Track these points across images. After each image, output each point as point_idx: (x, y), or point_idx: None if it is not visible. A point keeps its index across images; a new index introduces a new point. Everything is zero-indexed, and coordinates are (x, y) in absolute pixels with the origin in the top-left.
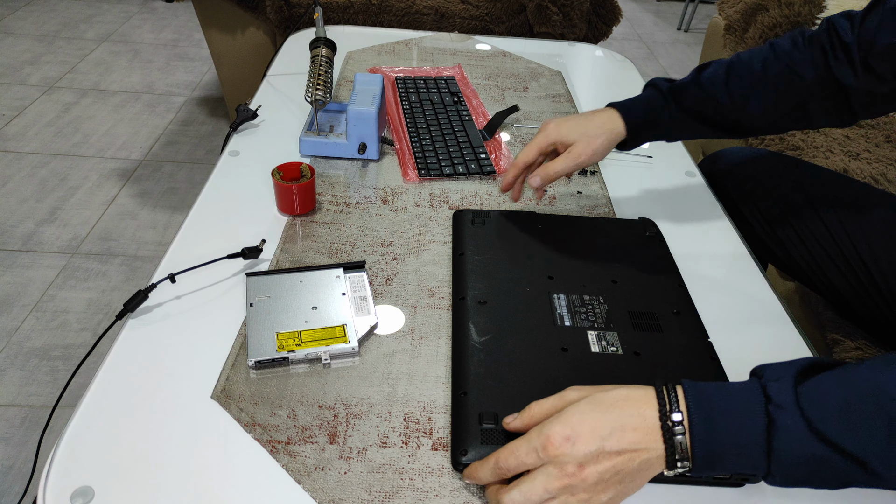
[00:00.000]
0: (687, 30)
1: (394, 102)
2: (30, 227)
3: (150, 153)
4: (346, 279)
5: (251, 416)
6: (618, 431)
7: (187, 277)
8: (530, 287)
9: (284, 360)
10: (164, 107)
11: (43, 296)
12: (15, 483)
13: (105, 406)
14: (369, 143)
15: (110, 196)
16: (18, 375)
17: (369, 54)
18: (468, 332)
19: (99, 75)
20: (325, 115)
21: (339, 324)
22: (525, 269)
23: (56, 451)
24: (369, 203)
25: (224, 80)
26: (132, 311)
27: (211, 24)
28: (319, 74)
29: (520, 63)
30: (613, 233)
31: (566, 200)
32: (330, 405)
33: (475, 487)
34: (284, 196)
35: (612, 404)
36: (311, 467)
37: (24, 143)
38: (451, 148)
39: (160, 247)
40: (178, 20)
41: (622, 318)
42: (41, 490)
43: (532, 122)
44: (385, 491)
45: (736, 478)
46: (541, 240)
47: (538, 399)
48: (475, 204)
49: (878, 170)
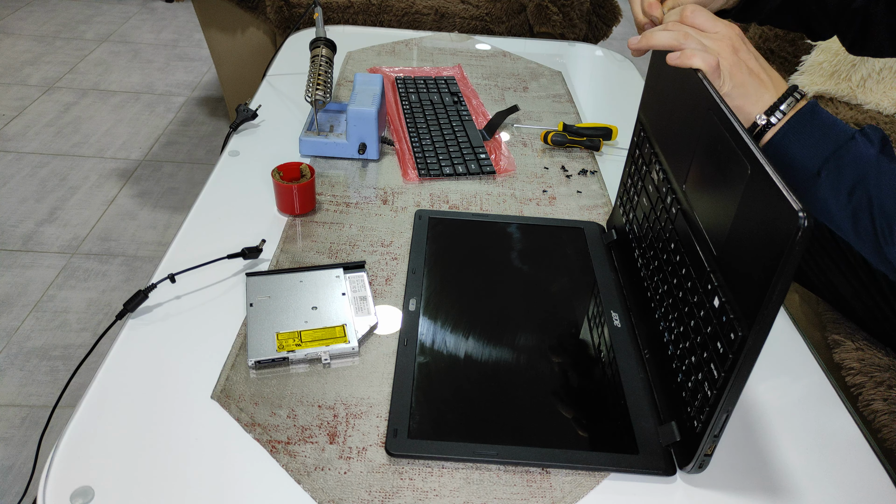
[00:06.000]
0: None
1: (394, 102)
2: (30, 227)
3: (150, 153)
4: (346, 279)
5: (251, 416)
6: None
7: (187, 277)
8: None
9: (284, 360)
10: (164, 107)
11: (43, 296)
12: (15, 483)
13: (105, 406)
14: (369, 143)
15: (110, 196)
16: (18, 375)
17: (369, 54)
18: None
19: (99, 75)
20: (325, 115)
21: (339, 324)
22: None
23: (56, 451)
24: (369, 203)
25: (224, 80)
26: (132, 311)
27: (211, 24)
28: (319, 74)
29: (520, 63)
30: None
31: (566, 200)
32: (330, 405)
33: (475, 486)
34: (284, 196)
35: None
36: (311, 467)
37: (24, 143)
38: (451, 148)
39: (160, 247)
40: (178, 20)
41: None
42: (41, 490)
43: (532, 122)
44: (385, 491)
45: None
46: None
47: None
48: (475, 204)
49: None
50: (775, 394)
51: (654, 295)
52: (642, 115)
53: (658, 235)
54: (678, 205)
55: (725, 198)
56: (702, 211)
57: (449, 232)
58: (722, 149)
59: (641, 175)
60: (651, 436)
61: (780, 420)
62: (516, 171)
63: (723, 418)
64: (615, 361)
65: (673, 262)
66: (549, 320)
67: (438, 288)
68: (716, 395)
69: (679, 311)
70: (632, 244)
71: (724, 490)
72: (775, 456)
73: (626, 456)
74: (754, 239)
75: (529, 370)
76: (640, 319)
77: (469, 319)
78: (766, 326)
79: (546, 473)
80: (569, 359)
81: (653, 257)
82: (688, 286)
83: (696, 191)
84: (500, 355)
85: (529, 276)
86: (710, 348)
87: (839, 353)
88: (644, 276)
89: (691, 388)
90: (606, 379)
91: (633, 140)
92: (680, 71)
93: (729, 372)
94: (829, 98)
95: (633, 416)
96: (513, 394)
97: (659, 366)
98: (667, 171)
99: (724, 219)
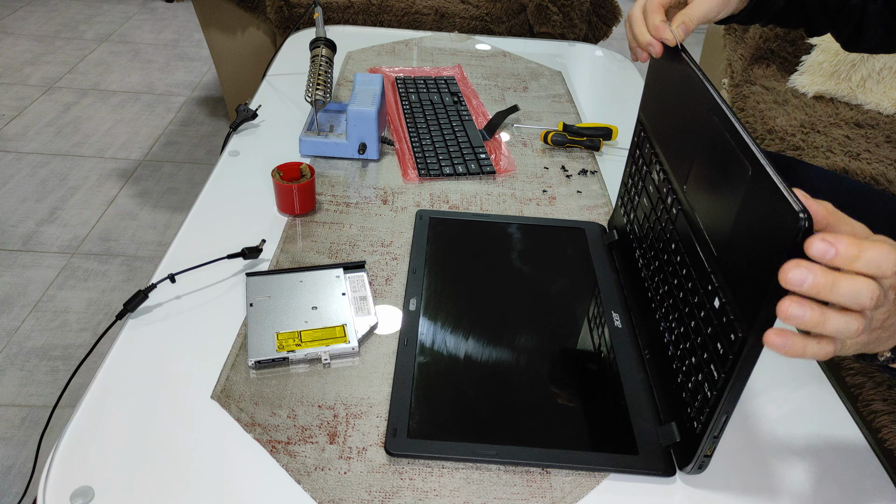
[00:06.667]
0: None
1: (394, 102)
2: (30, 227)
3: (150, 153)
4: (346, 279)
5: (251, 416)
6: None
7: (187, 277)
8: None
9: (284, 360)
10: (164, 107)
11: (43, 296)
12: (15, 483)
13: (105, 406)
14: (369, 143)
15: (110, 196)
16: (18, 375)
17: (369, 54)
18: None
19: (99, 75)
20: (325, 115)
21: (339, 324)
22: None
23: (56, 451)
24: (369, 203)
25: (224, 80)
26: (132, 311)
27: (211, 24)
28: (319, 74)
29: (520, 63)
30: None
31: (566, 200)
32: (330, 405)
33: (475, 486)
34: (284, 196)
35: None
36: (311, 467)
37: (24, 143)
38: (451, 148)
39: (160, 247)
40: (178, 20)
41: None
42: (41, 490)
43: (532, 121)
44: (385, 491)
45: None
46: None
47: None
48: (475, 204)
49: (878, 170)
50: (775, 394)
51: (655, 295)
52: (642, 115)
53: (658, 236)
54: (679, 205)
55: (726, 198)
56: (702, 211)
57: (450, 232)
58: (722, 149)
59: (642, 175)
60: (651, 436)
61: (780, 420)
62: (516, 171)
63: (723, 419)
64: (615, 362)
65: (673, 262)
66: (550, 320)
67: (439, 288)
68: (716, 395)
69: (679, 312)
70: (632, 244)
71: (724, 491)
72: (775, 456)
73: (626, 456)
74: (755, 240)
75: (530, 370)
76: (640, 320)
77: (470, 319)
78: (766, 327)
79: (546, 473)
80: (569, 359)
81: (653, 258)
82: (688, 287)
83: (697, 191)
84: (500, 355)
85: (530, 276)
86: (710, 349)
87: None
88: (645, 276)
89: (691, 389)
90: (606, 379)
91: (634, 140)
92: (680, 71)
93: (729, 373)
94: (829, 98)
95: (632, 416)
96: (513, 393)
97: (659, 366)
98: (667, 171)
99: (724, 219)
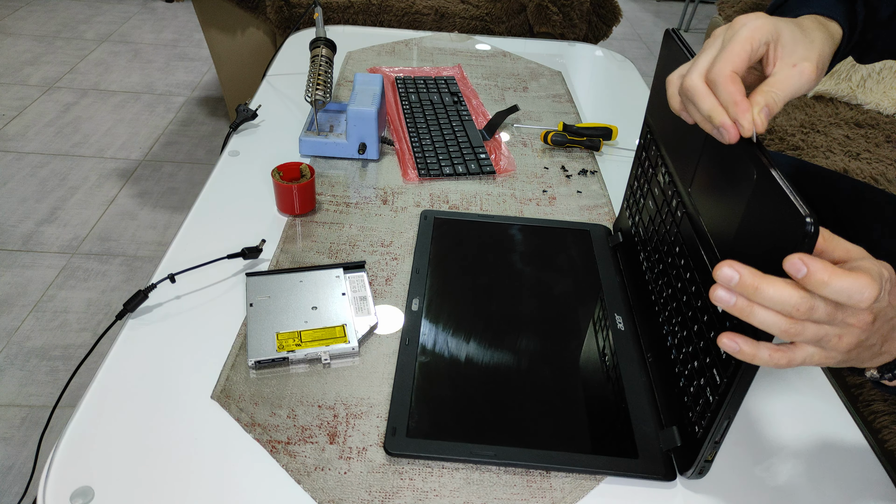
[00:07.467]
0: (687, 30)
1: (394, 102)
2: (30, 227)
3: (150, 153)
4: (346, 279)
5: (251, 416)
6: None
7: (187, 277)
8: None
9: (284, 360)
10: (164, 107)
11: (43, 296)
12: (15, 483)
13: (105, 406)
14: (369, 143)
15: (110, 196)
16: (18, 375)
17: (369, 54)
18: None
19: (99, 75)
20: (325, 115)
21: (339, 324)
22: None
23: (56, 451)
24: (369, 203)
25: (224, 80)
26: (132, 311)
27: (211, 24)
28: (319, 74)
29: (520, 63)
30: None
31: (566, 200)
32: (330, 405)
33: (475, 487)
34: (284, 196)
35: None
36: (311, 467)
37: (24, 143)
38: (451, 148)
39: (160, 247)
40: (178, 20)
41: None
42: (41, 490)
43: (532, 122)
44: (385, 491)
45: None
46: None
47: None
48: (475, 204)
49: (878, 170)
50: (776, 395)
51: (659, 298)
52: (649, 117)
53: (663, 239)
54: (683, 208)
55: (731, 202)
56: (707, 215)
57: (454, 232)
58: (728, 153)
59: (648, 178)
60: (652, 440)
61: (781, 421)
62: (516, 171)
63: (724, 424)
64: (617, 364)
65: (678, 265)
66: (553, 322)
67: (442, 288)
68: (718, 400)
69: (683, 316)
70: (637, 247)
71: (725, 496)
72: (775, 458)
73: (626, 460)
74: (760, 244)
75: (531, 371)
76: (643, 323)
77: (472, 320)
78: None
79: (546, 474)
80: (571, 361)
81: (658, 261)
82: (692, 290)
83: (702, 195)
84: (502, 356)
85: (534, 277)
86: (712, 353)
87: None
88: (649, 279)
89: (693, 393)
90: (608, 382)
91: (640, 143)
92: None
93: (731, 378)
94: (829, 98)
95: (634, 419)
96: (514, 394)
97: (661, 370)
98: (672, 174)
99: (729, 223)
